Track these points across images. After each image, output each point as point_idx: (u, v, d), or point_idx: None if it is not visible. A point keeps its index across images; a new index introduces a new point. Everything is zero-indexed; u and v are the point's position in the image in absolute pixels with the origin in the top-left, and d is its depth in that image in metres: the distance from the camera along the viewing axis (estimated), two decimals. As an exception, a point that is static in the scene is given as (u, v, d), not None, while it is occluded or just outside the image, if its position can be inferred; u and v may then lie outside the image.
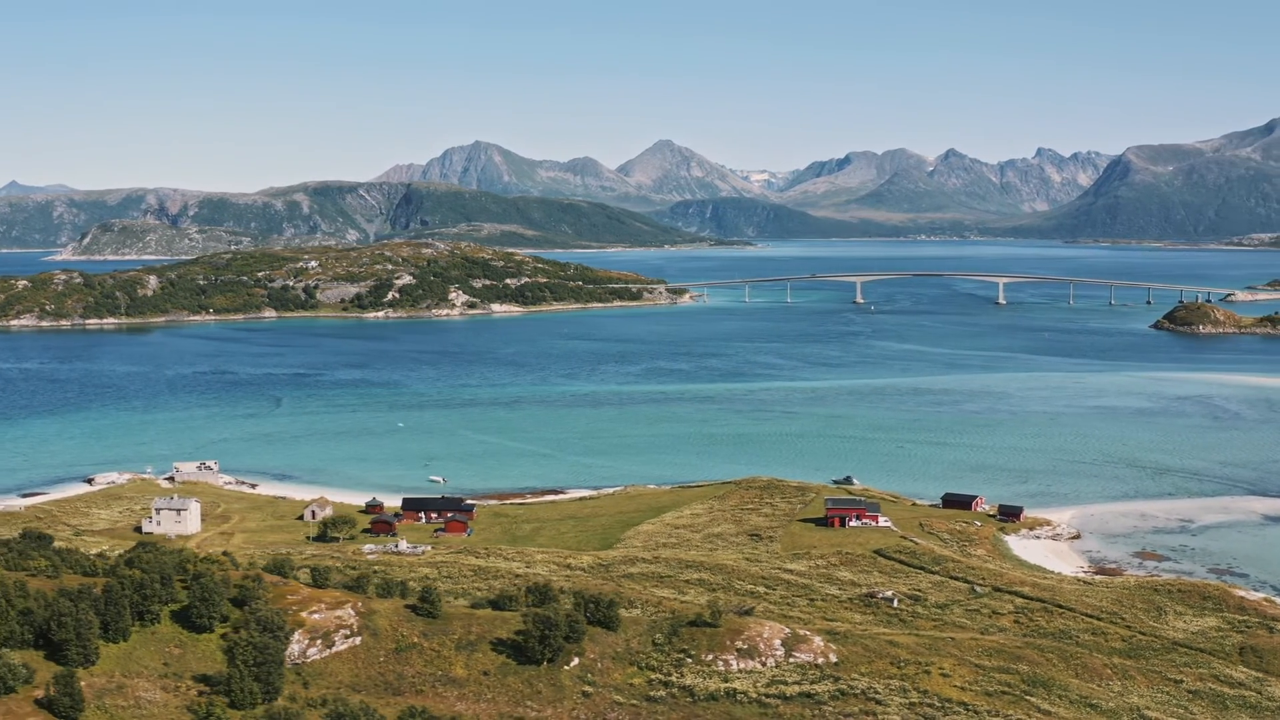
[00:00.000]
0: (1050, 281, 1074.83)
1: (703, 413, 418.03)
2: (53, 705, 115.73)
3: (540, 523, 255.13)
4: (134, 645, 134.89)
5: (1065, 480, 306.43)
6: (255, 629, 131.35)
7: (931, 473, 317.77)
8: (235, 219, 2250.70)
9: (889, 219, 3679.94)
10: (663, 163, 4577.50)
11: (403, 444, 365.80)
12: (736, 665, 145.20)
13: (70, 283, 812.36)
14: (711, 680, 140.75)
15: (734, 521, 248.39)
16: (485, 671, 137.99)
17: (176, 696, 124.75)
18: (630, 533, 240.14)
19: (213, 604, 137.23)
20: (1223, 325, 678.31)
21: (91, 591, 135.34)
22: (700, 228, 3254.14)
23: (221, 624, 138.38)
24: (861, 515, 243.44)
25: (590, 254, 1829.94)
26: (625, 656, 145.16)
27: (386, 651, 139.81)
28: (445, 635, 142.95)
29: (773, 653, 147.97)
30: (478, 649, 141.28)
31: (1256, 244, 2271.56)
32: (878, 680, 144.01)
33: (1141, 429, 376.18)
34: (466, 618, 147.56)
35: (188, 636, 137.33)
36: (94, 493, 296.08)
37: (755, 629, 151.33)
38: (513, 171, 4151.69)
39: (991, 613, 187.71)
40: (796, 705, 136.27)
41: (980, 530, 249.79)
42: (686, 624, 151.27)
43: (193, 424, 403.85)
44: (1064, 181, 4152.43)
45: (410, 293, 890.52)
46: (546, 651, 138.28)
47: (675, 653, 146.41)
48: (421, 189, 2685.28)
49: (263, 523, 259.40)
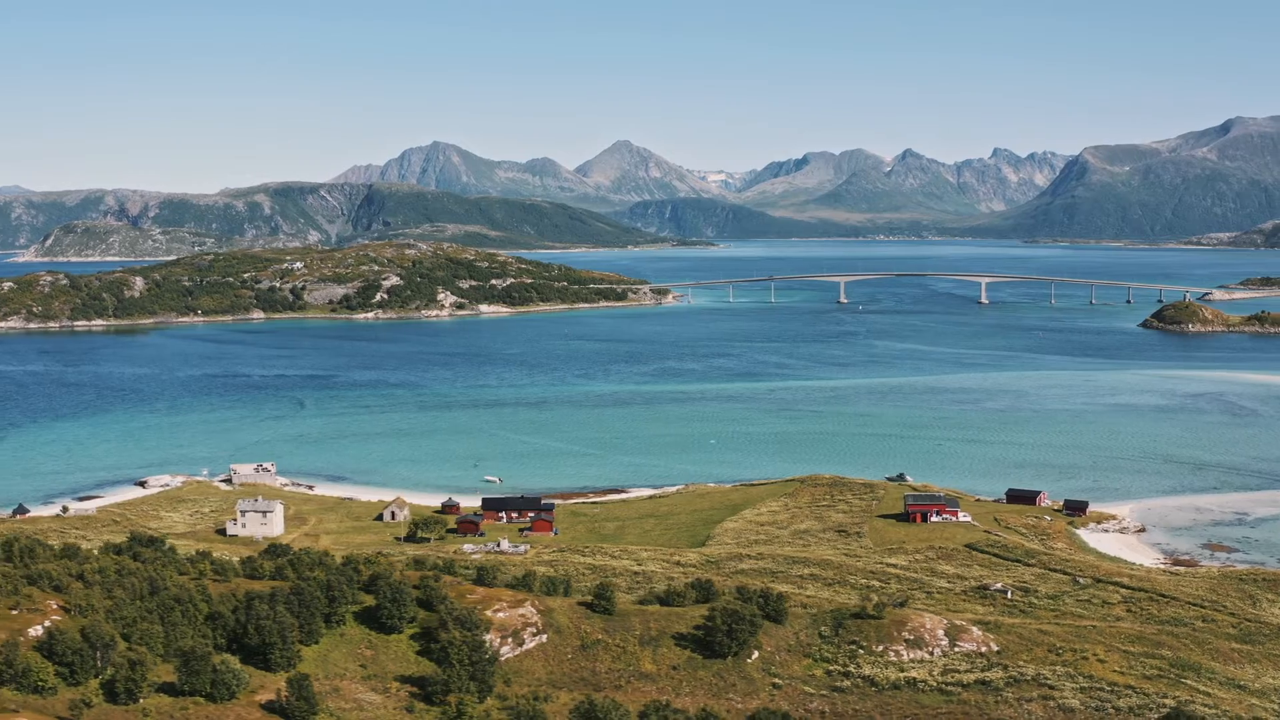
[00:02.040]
0: (1031, 281, 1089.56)
1: (730, 412, 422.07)
2: (286, 710, 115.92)
3: (621, 521, 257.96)
4: (326, 648, 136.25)
5: (1111, 476, 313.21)
6: (456, 628, 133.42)
7: (977, 469, 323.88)
8: (196, 220, 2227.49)
9: (848, 219, 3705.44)
10: (621, 163, 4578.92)
11: (446, 444, 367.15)
12: (906, 655, 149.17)
13: (56, 284, 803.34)
14: (888, 670, 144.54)
15: (815, 518, 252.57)
16: (674, 666, 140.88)
17: (389, 698, 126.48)
18: (718, 530, 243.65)
19: (403, 604, 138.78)
20: (1211, 324, 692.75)
21: (283, 594, 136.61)
22: (660, 228, 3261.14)
23: (409, 624, 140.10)
24: (942, 511, 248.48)
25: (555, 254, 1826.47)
26: (798, 649, 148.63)
27: (573, 648, 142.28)
28: (626, 631, 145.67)
29: (937, 643, 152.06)
30: (661, 644, 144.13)
31: (1215, 243, 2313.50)
32: (1043, 667, 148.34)
33: (1167, 425, 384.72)
34: (641, 614, 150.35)
35: (377, 638, 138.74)
36: (153, 495, 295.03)
37: (917, 620, 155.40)
38: (471, 172, 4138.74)
39: (1102, 602, 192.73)
40: (976, 693, 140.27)
41: (1051, 525, 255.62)
42: (850, 616, 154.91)
43: (224, 426, 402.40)
44: (1020, 182, 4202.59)
45: (398, 294, 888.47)
46: (733, 645, 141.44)
47: (845, 644, 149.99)
48: (383, 189, 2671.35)
49: (341, 524, 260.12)
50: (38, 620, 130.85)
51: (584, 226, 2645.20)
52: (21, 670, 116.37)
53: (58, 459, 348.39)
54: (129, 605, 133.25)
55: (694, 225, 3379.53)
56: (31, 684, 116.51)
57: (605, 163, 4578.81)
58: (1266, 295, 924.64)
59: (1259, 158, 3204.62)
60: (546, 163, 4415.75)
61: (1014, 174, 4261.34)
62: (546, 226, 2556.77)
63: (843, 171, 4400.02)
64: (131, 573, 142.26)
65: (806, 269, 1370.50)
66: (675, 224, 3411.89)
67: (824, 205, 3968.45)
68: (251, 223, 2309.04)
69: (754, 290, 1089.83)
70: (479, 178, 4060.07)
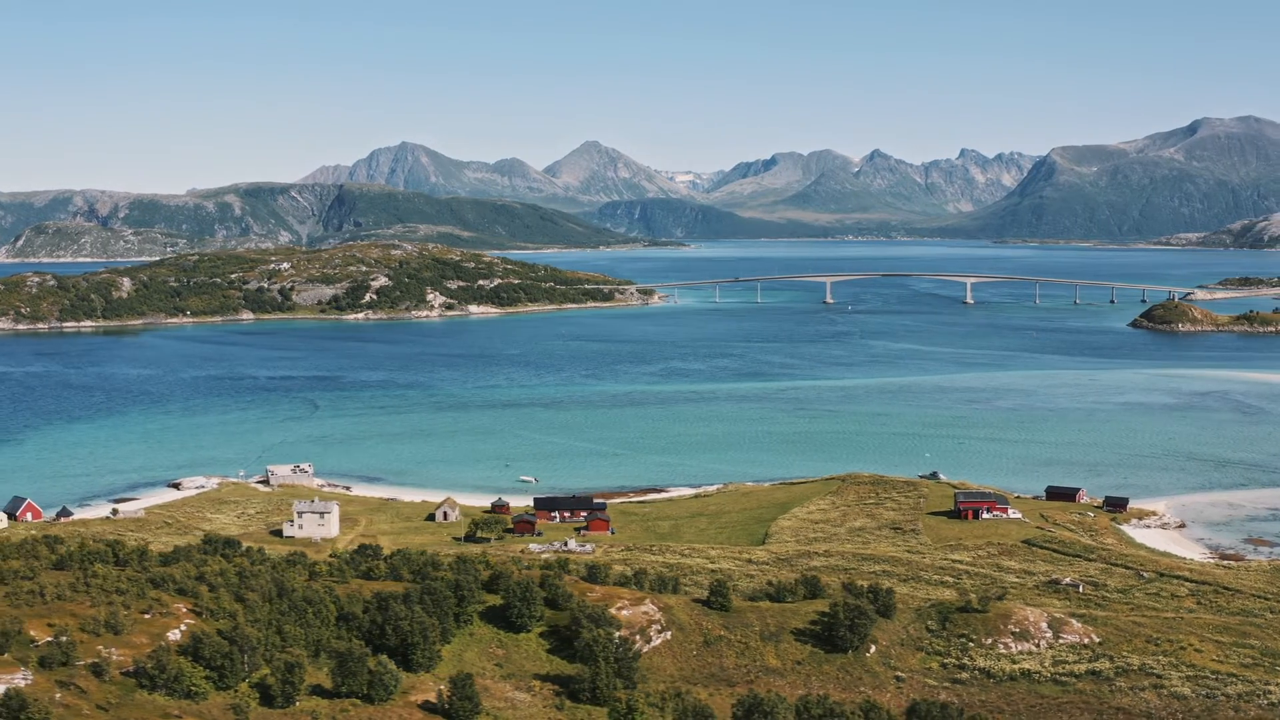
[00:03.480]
0: (1014, 281, 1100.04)
1: (748, 411, 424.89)
2: (450, 710, 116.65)
3: (673, 520, 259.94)
4: (459, 647, 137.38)
5: (1138, 473, 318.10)
6: (591, 626, 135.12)
7: (1006, 467, 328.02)
8: (166, 220, 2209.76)
9: (816, 219, 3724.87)
10: (590, 163, 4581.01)
11: (471, 445, 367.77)
12: (1015, 648, 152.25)
13: (44, 285, 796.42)
14: (1001, 662, 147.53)
15: (867, 516, 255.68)
16: (798, 661, 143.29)
17: (536, 697, 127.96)
18: (774, 528, 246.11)
19: (532, 603, 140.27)
20: (1200, 324, 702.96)
21: (416, 594, 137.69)
22: (629, 228, 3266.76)
23: (537, 623, 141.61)
24: (992, 508, 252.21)
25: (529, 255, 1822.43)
26: (910, 642, 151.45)
27: (696, 645, 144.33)
28: (745, 628, 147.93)
29: (1042, 635, 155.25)
30: (781, 639, 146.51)
31: (1184, 244, 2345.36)
32: (1145, 657, 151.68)
33: (1180, 423, 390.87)
34: (755, 610, 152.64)
35: (506, 637, 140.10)
36: (192, 497, 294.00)
37: (1020, 613, 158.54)
38: (440, 172, 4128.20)
39: (1171, 595, 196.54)
40: (1089, 683, 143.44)
41: (1096, 521, 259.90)
42: (955, 610, 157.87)
43: (243, 428, 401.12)
44: (988, 182, 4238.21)
45: (387, 294, 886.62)
46: (854, 639, 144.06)
47: (955, 638, 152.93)
48: (354, 190, 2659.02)
49: (393, 524, 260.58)
50: (173, 624, 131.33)
51: (555, 227, 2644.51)
52: (173, 675, 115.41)
53: (83, 461, 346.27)
54: (260, 608, 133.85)
55: (663, 226, 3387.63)
56: (184, 689, 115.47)
57: (574, 163, 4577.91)
58: (1247, 295, 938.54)
59: (1226, 158, 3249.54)
60: (515, 163, 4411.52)
61: (981, 174, 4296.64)
62: (518, 227, 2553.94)
63: (811, 172, 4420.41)
64: (254, 575, 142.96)
65: (782, 269, 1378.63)
66: (644, 224, 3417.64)
67: (793, 206, 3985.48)
68: (222, 223, 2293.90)
69: (738, 290, 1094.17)
70: (447, 178, 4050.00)
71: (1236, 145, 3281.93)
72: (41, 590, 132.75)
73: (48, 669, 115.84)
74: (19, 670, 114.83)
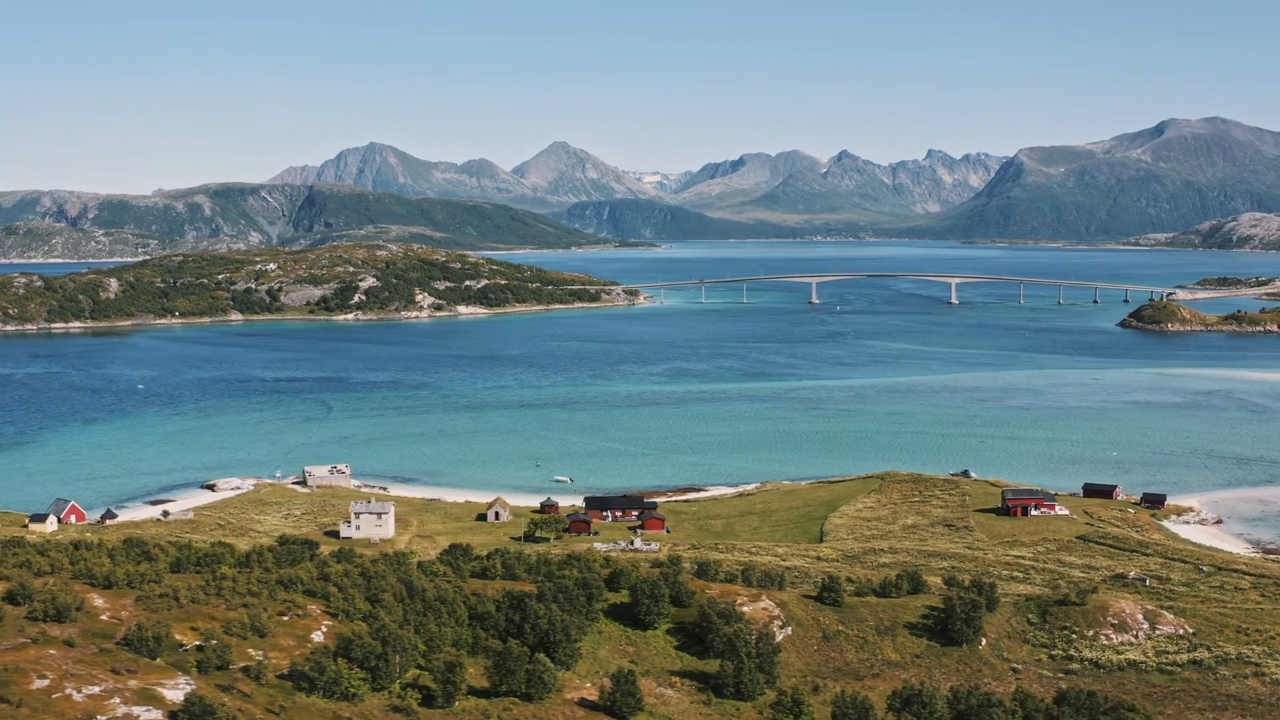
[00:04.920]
0: (998, 281, 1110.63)
1: (762, 411, 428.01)
2: (613, 706, 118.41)
3: (725, 519, 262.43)
4: (590, 645, 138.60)
5: (1163, 471, 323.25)
6: (722, 623, 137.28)
7: (1033, 465, 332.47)
8: (136, 221, 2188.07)
9: (785, 220, 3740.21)
10: (558, 164, 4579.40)
11: (496, 445, 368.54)
12: (1115, 639, 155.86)
13: (31, 286, 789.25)
14: (1106, 653, 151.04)
15: (917, 513, 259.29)
16: (916, 654, 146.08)
17: (681, 693, 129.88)
18: (828, 525, 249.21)
19: (660, 600, 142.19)
20: (1189, 323, 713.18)
21: (550, 592, 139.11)
22: (598, 229, 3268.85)
23: (663, 619, 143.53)
24: (1039, 504, 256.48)
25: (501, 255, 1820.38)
26: (1015, 635, 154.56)
27: (816, 640, 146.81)
28: (860, 622, 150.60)
29: (1139, 626, 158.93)
30: (896, 633, 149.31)
31: (1153, 244, 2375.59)
32: (1240, 647, 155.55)
33: (1192, 422, 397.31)
34: (866, 605, 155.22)
35: (635, 634, 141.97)
36: (232, 498, 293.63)
37: (1117, 605, 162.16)
38: (408, 173, 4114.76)
39: (1234, 588, 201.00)
40: (1193, 671, 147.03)
41: (1138, 517, 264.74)
42: (1054, 603, 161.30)
43: (261, 429, 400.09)
44: (955, 183, 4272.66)
45: (376, 295, 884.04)
46: (969, 632, 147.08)
47: (1057, 630, 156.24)
48: (324, 190, 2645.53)
49: (445, 525, 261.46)
50: (314, 626, 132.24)
51: (526, 228, 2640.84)
52: (332, 677, 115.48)
53: (107, 463, 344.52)
54: (394, 608, 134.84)
55: (632, 226, 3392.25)
56: (342, 691, 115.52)
57: (542, 164, 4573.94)
58: (1227, 295, 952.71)
59: (1192, 159, 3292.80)
60: (483, 164, 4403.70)
61: (949, 175, 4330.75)
62: (489, 228, 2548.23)
63: (779, 173, 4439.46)
64: (380, 575, 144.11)
65: (762, 269, 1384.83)
66: (613, 225, 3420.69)
67: (761, 206, 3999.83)
68: (192, 224, 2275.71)
69: (722, 291, 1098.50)
70: (416, 179, 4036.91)
71: (1203, 146, 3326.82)
72: (175, 594, 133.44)
73: (204, 674, 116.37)
74: (179, 676, 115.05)
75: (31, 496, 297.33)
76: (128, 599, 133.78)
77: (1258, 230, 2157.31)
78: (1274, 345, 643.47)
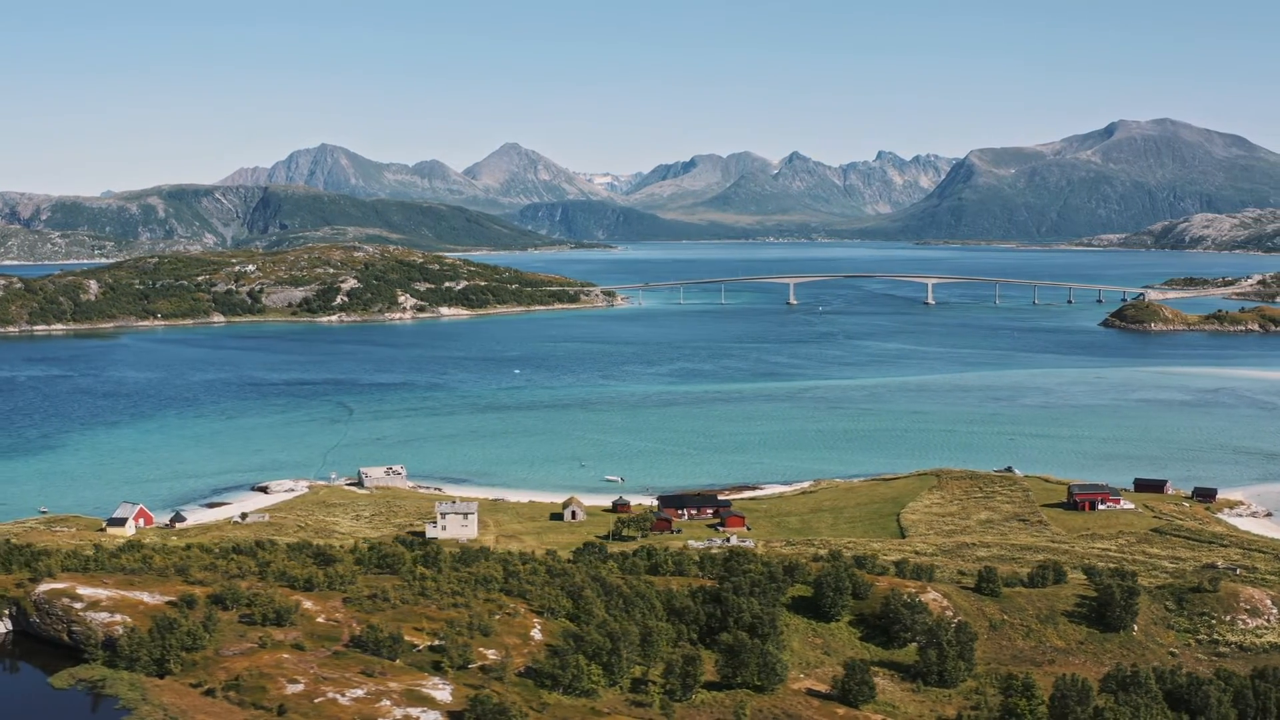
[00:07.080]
0: (973, 282, 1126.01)
1: (785, 411, 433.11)
2: (845, 695, 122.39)
3: (798, 515, 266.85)
4: (783, 637, 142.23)
5: (1194, 466, 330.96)
6: (908, 614, 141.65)
7: (1072, 461, 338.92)
8: (90, 223, 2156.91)
9: (737, 221, 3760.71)
10: (510, 165, 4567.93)
11: (534, 445, 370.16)
12: (1251, 623, 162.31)
13: (11, 287, 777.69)
14: (1247, 637, 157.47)
15: (986, 509, 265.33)
16: (1080, 641, 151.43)
17: (884, 680, 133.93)
18: (905, 521, 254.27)
19: (843, 593, 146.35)
20: (1171, 323, 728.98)
21: (745, 586, 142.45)
22: (551, 230, 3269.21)
23: (845, 611, 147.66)
24: (1105, 499, 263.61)
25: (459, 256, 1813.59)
26: (1160, 621, 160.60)
27: (984, 629, 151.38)
28: (1020, 611, 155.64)
29: (1269, 611, 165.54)
30: (1056, 621, 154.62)
31: (1105, 244, 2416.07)
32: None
33: (1209, 419, 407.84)
34: (1023, 595, 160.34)
35: (820, 626, 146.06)
36: (292, 500, 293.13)
37: (1247, 592, 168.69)
38: (360, 174, 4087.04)
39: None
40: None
41: (1194, 510, 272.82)
42: (1189, 590, 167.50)
43: (291, 431, 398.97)
44: (906, 184, 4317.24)
45: (358, 296, 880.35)
46: (1127, 618, 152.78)
47: (1196, 615, 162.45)
48: (279, 192, 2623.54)
49: (524, 524, 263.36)
50: (528, 624, 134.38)
51: (481, 230, 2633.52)
52: (574, 675, 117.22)
53: (147, 466, 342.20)
54: (596, 604, 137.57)
55: (585, 228, 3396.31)
56: (583, 687, 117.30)
57: (494, 165, 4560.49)
58: (1196, 295, 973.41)
59: (1142, 160, 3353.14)
60: (435, 165, 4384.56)
61: (899, 176, 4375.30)
62: (444, 229, 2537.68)
63: (730, 174, 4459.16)
64: (568, 573, 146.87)
65: (715, 270, 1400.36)
66: (566, 226, 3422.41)
67: (713, 208, 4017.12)
68: (146, 226, 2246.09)
69: (697, 292, 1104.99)
70: (367, 180, 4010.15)
71: (1153, 147, 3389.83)
72: (384, 594, 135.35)
73: (444, 674, 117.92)
74: (428, 677, 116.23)
75: (84, 500, 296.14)
76: (334, 600, 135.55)
77: (1210, 231, 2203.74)
78: (1258, 344, 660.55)
